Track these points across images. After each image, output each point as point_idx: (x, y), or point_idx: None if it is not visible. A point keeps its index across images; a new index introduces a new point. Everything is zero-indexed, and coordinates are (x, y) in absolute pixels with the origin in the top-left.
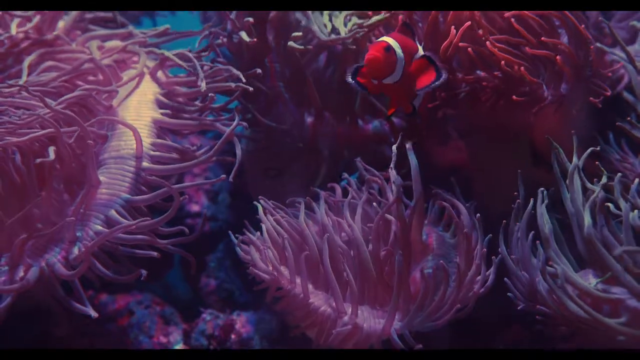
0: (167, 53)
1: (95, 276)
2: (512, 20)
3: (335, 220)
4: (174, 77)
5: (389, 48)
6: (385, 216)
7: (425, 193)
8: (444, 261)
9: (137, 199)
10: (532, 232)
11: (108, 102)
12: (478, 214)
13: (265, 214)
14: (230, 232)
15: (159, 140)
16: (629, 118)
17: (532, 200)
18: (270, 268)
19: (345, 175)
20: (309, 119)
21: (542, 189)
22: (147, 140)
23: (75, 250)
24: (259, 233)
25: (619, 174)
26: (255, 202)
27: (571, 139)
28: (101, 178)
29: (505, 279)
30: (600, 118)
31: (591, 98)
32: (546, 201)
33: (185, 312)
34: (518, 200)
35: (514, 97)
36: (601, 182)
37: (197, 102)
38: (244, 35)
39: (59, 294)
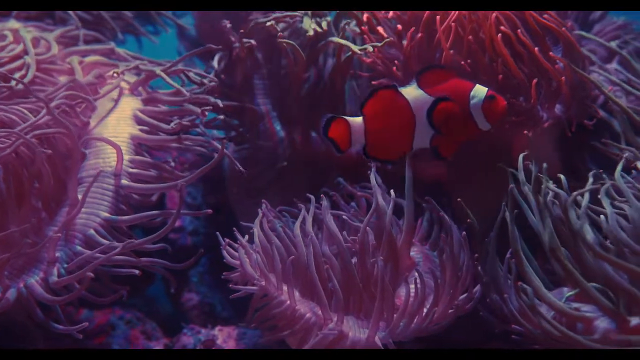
0: (157, 70)
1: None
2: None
3: (325, 230)
4: (154, 92)
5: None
6: (371, 226)
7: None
8: (429, 276)
9: (119, 219)
10: (510, 249)
11: (87, 119)
12: (464, 232)
13: (260, 219)
14: (218, 233)
15: (138, 157)
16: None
17: (499, 218)
18: (258, 273)
19: (340, 180)
20: (295, 138)
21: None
22: (125, 157)
23: (55, 272)
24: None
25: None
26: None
27: (552, 158)
28: (79, 197)
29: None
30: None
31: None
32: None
33: (166, 327)
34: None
35: (513, 117)
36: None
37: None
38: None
39: (37, 316)
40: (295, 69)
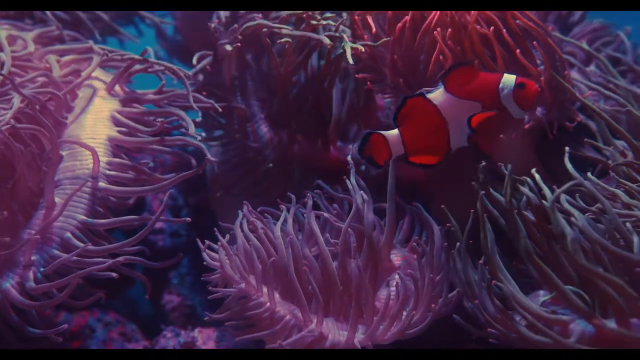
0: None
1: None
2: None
3: (306, 232)
4: (133, 92)
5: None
6: (351, 230)
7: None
8: (409, 280)
9: (95, 222)
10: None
11: (63, 119)
12: (445, 244)
13: (240, 221)
14: (197, 239)
15: (116, 159)
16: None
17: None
18: (238, 275)
19: (321, 182)
20: (282, 140)
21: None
22: (102, 159)
23: (31, 276)
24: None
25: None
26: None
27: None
28: (56, 200)
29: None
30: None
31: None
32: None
33: (146, 329)
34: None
35: None
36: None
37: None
38: (227, 47)
39: (12, 320)
40: (283, 70)
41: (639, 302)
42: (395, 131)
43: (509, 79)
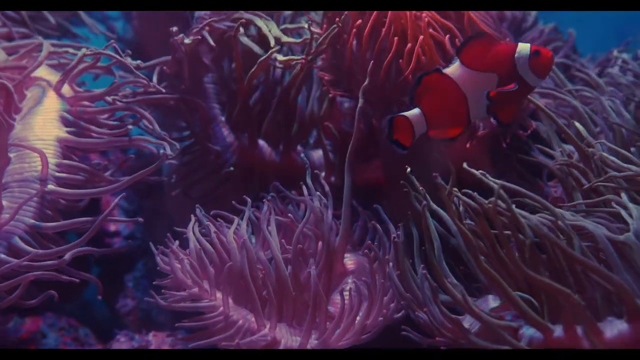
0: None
1: None
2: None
3: (261, 237)
4: (83, 91)
5: None
6: (306, 234)
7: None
8: (363, 284)
9: (44, 225)
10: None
11: (11, 121)
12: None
13: (193, 225)
14: (150, 243)
15: (65, 161)
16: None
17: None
18: (190, 280)
19: (279, 185)
20: (243, 144)
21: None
22: (51, 161)
23: None
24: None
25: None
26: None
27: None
28: (4, 203)
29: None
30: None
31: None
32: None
33: (101, 333)
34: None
35: None
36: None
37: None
38: (187, 40)
39: None
40: (245, 74)
41: (586, 310)
42: (416, 110)
43: (523, 48)
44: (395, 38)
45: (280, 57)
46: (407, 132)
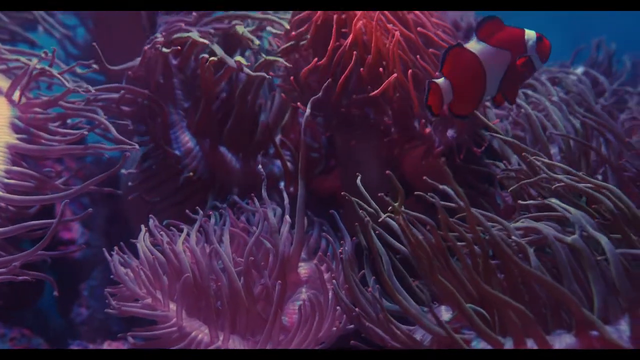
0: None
1: None
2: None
3: (212, 247)
4: (34, 98)
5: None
6: (261, 244)
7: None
8: (315, 295)
9: None
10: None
11: None
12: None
13: (143, 235)
14: (104, 249)
15: (15, 168)
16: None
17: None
18: (144, 291)
19: (236, 198)
20: (204, 150)
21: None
22: (0, 167)
23: None
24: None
25: None
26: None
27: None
28: None
29: None
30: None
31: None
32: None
33: (54, 343)
34: None
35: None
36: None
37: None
38: (164, 49)
39: None
40: (207, 80)
41: (535, 323)
42: (443, 80)
43: (530, 33)
44: (354, 52)
45: (244, 62)
46: (438, 99)
